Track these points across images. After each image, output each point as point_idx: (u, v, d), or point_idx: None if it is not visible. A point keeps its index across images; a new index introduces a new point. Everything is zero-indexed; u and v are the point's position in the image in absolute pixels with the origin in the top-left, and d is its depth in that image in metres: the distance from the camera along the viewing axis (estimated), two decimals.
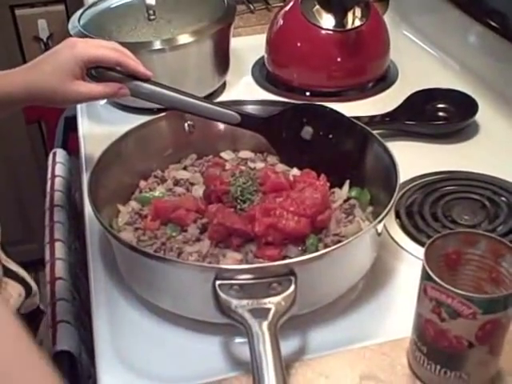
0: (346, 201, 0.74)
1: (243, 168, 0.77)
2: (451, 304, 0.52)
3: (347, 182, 0.75)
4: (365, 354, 0.61)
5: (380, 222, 0.64)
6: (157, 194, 0.76)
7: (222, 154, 0.82)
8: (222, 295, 0.56)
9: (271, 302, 0.55)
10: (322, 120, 0.78)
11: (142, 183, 0.78)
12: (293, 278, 0.57)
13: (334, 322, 0.65)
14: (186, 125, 0.80)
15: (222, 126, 0.81)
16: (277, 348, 0.52)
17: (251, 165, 0.80)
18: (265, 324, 0.54)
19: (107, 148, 0.74)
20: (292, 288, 0.57)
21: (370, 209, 0.73)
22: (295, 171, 0.78)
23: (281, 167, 0.79)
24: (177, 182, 0.78)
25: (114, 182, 0.73)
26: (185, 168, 0.80)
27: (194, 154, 0.82)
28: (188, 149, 0.82)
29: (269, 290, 0.57)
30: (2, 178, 1.82)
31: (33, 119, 1.82)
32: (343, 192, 0.74)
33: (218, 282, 0.57)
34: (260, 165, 0.80)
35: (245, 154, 0.82)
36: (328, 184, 0.73)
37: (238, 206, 0.68)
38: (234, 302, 0.56)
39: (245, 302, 0.55)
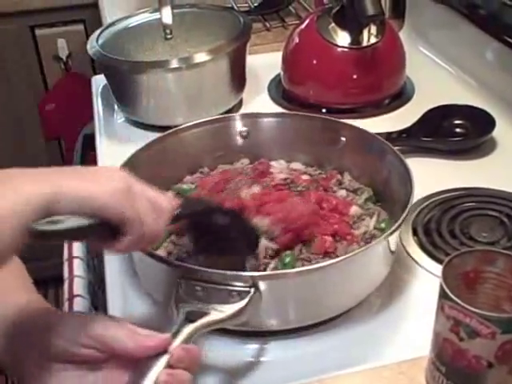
0: None
1: None
2: (469, 323, 0.51)
3: (377, 212, 0.75)
4: (382, 374, 0.61)
5: (385, 239, 0.64)
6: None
7: (272, 163, 0.83)
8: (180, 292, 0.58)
9: (215, 309, 0.56)
10: None
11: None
12: (252, 291, 0.58)
13: (352, 339, 0.65)
14: (239, 131, 0.83)
15: (277, 136, 0.84)
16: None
17: (276, 174, 0.79)
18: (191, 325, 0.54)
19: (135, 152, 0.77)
20: (245, 301, 0.57)
21: None
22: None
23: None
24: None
25: None
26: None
27: (246, 159, 0.84)
28: (241, 152, 0.84)
29: (229, 298, 0.57)
30: None
31: (52, 136, 1.84)
32: (371, 223, 0.73)
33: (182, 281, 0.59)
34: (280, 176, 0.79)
35: (296, 165, 0.83)
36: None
37: None
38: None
39: (191, 304, 0.56)
